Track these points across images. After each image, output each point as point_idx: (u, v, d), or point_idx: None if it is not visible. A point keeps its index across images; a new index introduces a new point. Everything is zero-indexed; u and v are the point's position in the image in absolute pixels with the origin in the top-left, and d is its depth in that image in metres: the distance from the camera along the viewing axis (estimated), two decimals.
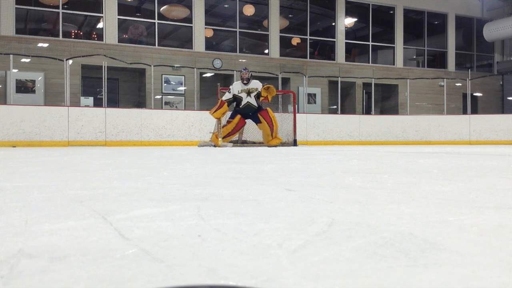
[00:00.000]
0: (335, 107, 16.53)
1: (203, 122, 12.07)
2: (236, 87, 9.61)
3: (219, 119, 9.34)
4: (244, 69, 9.75)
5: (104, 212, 1.11)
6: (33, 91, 12.57)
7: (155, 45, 14.50)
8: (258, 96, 9.43)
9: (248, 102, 9.47)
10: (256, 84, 9.50)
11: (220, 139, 9.20)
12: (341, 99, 16.00)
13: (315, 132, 13.44)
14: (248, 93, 9.45)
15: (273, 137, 9.47)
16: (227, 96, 9.55)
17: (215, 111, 9.31)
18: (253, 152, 5.79)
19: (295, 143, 10.54)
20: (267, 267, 0.64)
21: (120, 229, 0.91)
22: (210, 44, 15.61)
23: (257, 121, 9.60)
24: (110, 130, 11.00)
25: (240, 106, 9.53)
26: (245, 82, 9.51)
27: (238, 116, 9.49)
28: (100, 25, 13.96)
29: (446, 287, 0.57)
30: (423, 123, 14.60)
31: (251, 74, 9.67)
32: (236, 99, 9.56)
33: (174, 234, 0.86)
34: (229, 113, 9.78)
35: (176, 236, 0.84)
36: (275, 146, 9.40)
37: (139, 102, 14.96)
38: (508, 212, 1.12)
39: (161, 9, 14.68)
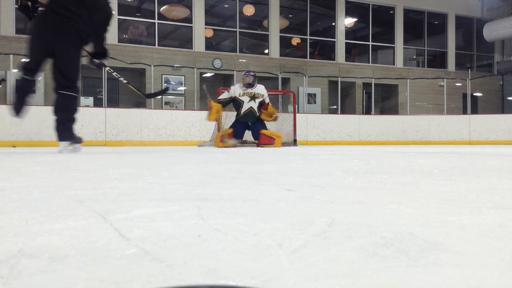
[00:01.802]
0: (335, 107, 16.54)
1: (203, 122, 12.05)
2: (238, 90, 8.57)
3: (216, 120, 8.57)
4: (246, 73, 8.64)
5: (104, 212, 1.11)
6: (33, 91, 12.57)
7: (155, 45, 14.50)
8: (261, 104, 8.52)
9: (251, 107, 8.48)
10: (261, 90, 8.53)
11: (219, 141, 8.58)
12: (341, 99, 16.00)
13: (315, 132, 13.44)
14: (253, 97, 8.44)
15: (275, 139, 8.53)
16: (223, 95, 8.67)
17: (209, 115, 8.43)
18: (253, 152, 5.79)
19: (295, 143, 10.54)
20: (267, 267, 0.64)
21: (120, 229, 0.91)
22: (210, 44, 15.62)
23: (257, 137, 8.57)
24: (110, 130, 11.00)
25: (241, 113, 8.55)
26: (247, 87, 8.53)
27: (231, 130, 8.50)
28: None
29: (446, 287, 0.57)
30: (423, 123, 14.60)
31: (254, 77, 8.57)
32: (236, 103, 8.57)
33: (174, 234, 0.86)
34: (229, 122, 9.00)
35: (176, 236, 0.84)
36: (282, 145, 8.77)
37: (139, 102, 14.96)
38: (508, 212, 1.12)
39: (161, 9, 14.69)
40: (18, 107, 4.80)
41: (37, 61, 4.60)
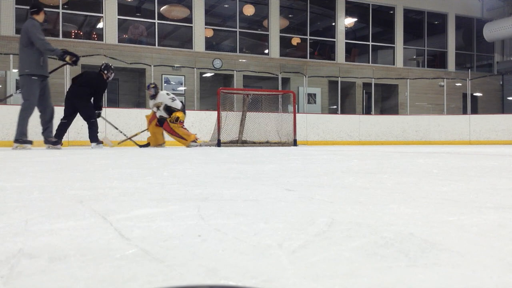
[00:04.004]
0: (335, 107, 16.54)
1: (203, 122, 12.06)
2: (150, 104, 9.82)
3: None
4: (147, 86, 9.83)
5: (104, 212, 1.11)
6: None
7: (155, 45, 14.50)
8: (166, 109, 9.42)
9: (160, 116, 9.58)
10: (160, 98, 9.51)
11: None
12: (341, 99, 16.00)
13: (315, 132, 13.43)
14: (157, 107, 9.53)
15: (187, 140, 9.46)
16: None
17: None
18: (253, 152, 5.79)
19: (295, 143, 10.54)
20: (267, 267, 0.64)
21: (120, 229, 0.91)
22: (210, 44, 15.61)
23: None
24: (110, 130, 10.99)
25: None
26: (152, 98, 9.65)
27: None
28: (100, 25, 13.96)
29: (446, 287, 0.57)
30: (423, 123, 14.60)
31: (154, 88, 9.66)
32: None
33: (174, 234, 0.86)
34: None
35: (176, 236, 0.84)
36: (189, 146, 9.43)
37: (139, 102, 14.96)
38: (508, 212, 1.12)
39: (161, 9, 14.68)
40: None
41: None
